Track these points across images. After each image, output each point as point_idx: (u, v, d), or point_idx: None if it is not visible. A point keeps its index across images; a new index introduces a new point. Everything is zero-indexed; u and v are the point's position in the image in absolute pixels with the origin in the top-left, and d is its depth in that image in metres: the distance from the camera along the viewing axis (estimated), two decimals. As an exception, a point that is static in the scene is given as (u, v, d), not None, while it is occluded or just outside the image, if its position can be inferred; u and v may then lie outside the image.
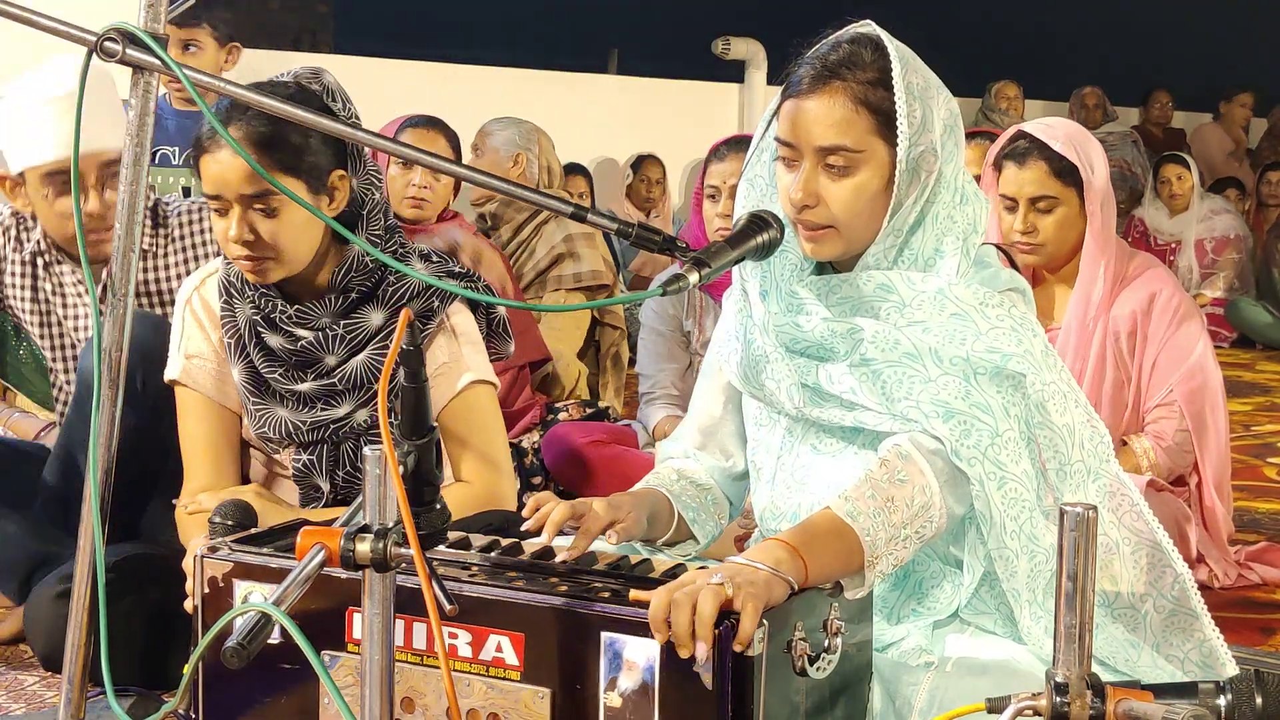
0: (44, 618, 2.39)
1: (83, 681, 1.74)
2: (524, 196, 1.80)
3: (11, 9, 1.67)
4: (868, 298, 1.94)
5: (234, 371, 2.41)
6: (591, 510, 1.91)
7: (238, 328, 2.39)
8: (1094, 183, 3.10)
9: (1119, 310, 3.15)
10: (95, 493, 1.71)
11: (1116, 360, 3.17)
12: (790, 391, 1.97)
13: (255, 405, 2.40)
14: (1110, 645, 1.93)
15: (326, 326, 2.35)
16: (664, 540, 2.06)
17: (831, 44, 1.94)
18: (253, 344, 2.38)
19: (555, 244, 4.60)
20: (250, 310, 2.37)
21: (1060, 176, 3.11)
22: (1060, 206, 3.11)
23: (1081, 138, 3.17)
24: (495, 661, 1.65)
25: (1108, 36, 20.67)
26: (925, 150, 1.90)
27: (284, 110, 1.82)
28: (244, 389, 2.41)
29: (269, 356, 2.38)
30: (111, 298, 1.75)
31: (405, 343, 1.51)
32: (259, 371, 2.39)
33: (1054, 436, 1.93)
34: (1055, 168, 3.11)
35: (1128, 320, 3.15)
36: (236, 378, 2.41)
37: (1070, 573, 1.32)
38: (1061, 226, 3.12)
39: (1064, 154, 3.10)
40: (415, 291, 2.39)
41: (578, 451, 3.72)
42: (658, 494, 2.08)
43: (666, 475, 2.14)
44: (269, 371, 2.38)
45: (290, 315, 2.35)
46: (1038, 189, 3.12)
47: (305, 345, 2.36)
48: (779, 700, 1.61)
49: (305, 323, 2.35)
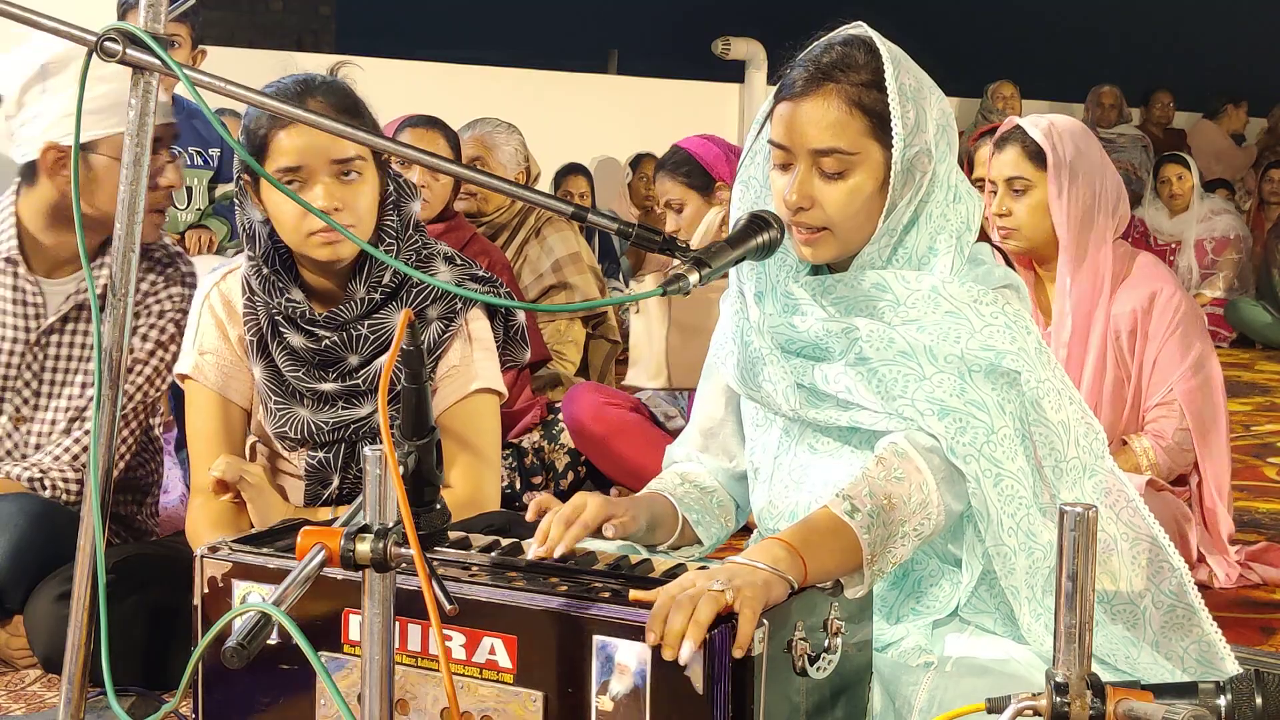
0: (44, 618, 2.39)
1: (83, 681, 1.74)
2: (524, 196, 1.80)
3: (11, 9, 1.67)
4: (863, 297, 1.94)
5: (255, 370, 2.41)
6: (587, 505, 1.88)
7: (260, 327, 2.38)
8: (1060, 165, 3.11)
9: (1119, 308, 3.15)
10: (95, 493, 1.71)
11: (1117, 358, 3.16)
12: (786, 392, 1.97)
13: (276, 405, 2.39)
14: (1110, 643, 1.93)
15: (350, 327, 2.36)
16: (669, 544, 2.05)
17: (824, 46, 1.94)
18: (275, 343, 2.38)
19: (543, 271, 4.58)
20: (273, 310, 2.36)
21: (1034, 159, 3.15)
22: (1034, 189, 3.15)
23: (1069, 130, 3.17)
24: (489, 664, 1.65)
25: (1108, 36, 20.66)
26: (920, 151, 1.90)
27: (284, 110, 1.82)
28: (265, 387, 2.40)
29: (291, 356, 2.37)
30: (111, 298, 1.75)
31: (406, 344, 1.51)
32: (280, 371, 2.38)
33: (1049, 433, 1.93)
34: (1029, 151, 3.16)
35: (1128, 318, 3.14)
36: (257, 376, 2.41)
37: (1070, 572, 1.32)
38: (1034, 211, 3.16)
39: (1036, 138, 3.12)
40: (439, 292, 2.39)
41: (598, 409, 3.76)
42: (659, 498, 2.08)
43: (669, 480, 2.13)
44: (291, 371, 2.37)
45: (314, 317, 2.35)
46: (1011, 170, 3.18)
47: (328, 345, 2.36)
48: (779, 700, 1.61)
49: (329, 324, 2.35)
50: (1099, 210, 3.14)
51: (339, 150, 2.27)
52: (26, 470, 2.62)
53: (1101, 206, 3.15)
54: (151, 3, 1.71)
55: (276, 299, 2.35)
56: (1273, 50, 17.25)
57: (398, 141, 2.29)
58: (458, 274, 2.45)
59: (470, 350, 2.42)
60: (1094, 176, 3.14)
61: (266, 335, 2.38)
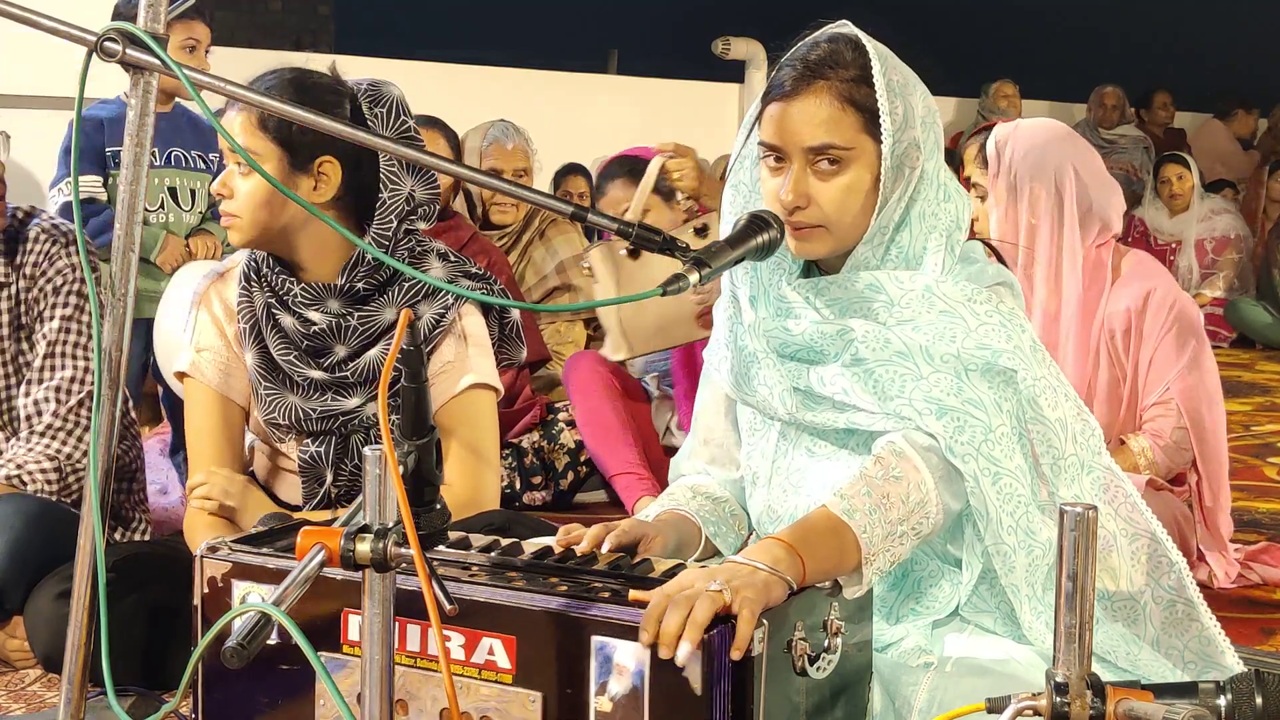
0: (44, 618, 2.40)
1: (83, 681, 1.74)
2: (524, 197, 1.80)
3: (11, 9, 1.67)
4: (857, 298, 1.94)
5: (247, 357, 2.43)
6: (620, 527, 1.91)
7: (254, 312, 2.42)
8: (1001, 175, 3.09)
9: (1113, 307, 3.13)
10: (95, 493, 1.71)
11: (1111, 357, 3.16)
12: (782, 396, 1.97)
13: (267, 390, 2.41)
14: (1110, 642, 1.93)
15: (338, 313, 2.36)
16: (695, 558, 2.04)
17: (810, 44, 1.94)
18: (267, 325, 2.40)
19: (547, 273, 4.59)
20: (266, 294, 2.40)
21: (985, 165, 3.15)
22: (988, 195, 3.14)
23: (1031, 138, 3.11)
24: (488, 664, 1.65)
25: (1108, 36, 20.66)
26: (909, 145, 1.91)
27: (284, 110, 1.82)
28: (256, 373, 2.42)
29: (283, 338, 2.40)
30: (111, 298, 1.75)
31: (406, 343, 1.51)
32: (272, 355, 2.41)
33: (1046, 431, 1.93)
34: (984, 156, 3.16)
35: (1122, 317, 3.13)
36: (249, 363, 2.43)
37: (1070, 572, 1.32)
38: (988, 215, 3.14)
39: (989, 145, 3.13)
40: (429, 289, 2.40)
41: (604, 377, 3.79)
42: (682, 518, 2.05)
43: (682, 494, 2.12)
44: (282, 355, 2.40)
45: (300, 297, 2.37)
46: (970, 171, 3.22)
47: (317, 331, 2.38)
48: (779, 700, 1.61)
49: (317, 304, 2.37)
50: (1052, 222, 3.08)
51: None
52: (3, 468, 2.62)
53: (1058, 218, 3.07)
54: (151, 3, 1.70)
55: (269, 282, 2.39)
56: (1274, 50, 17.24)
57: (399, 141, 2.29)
58: (451, 271, 2.46)
59: (464, 346, 2.43)
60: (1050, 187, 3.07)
61: (260, 319, 2.41)
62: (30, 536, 2.47)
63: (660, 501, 2.12)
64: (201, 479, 2.38)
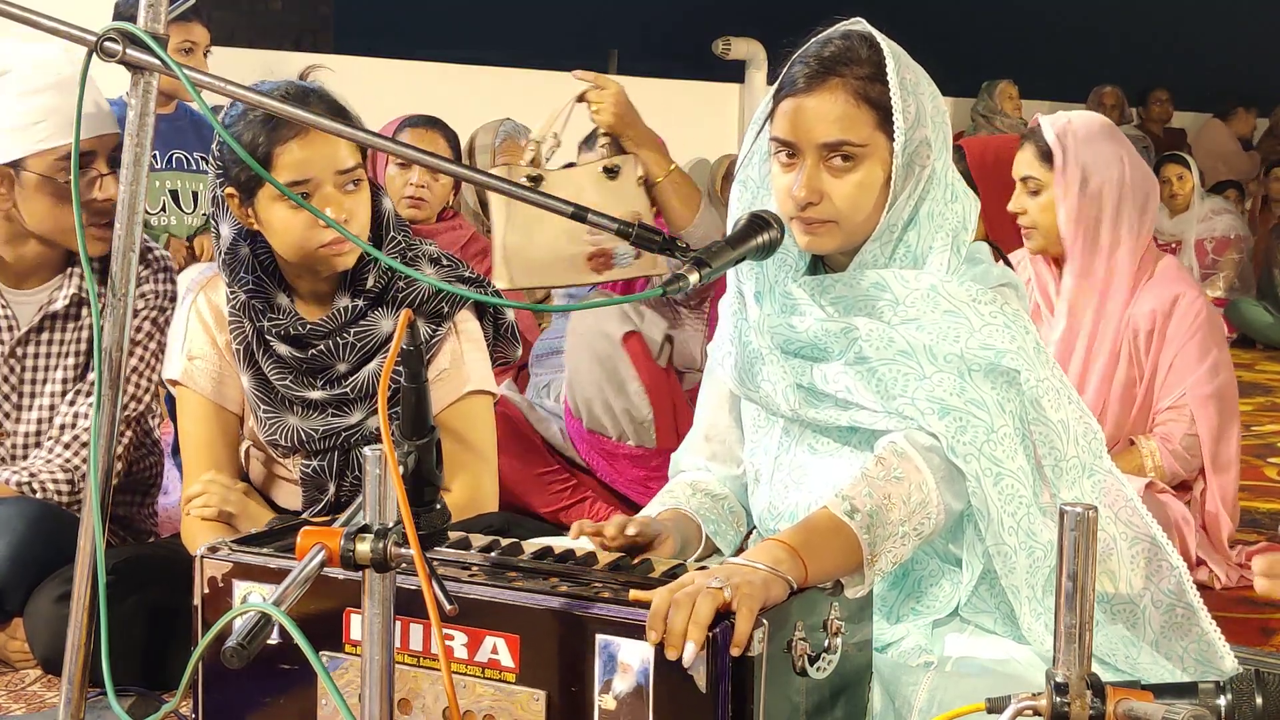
0: (44, 620, 2.39)
1: (83, 681, 1.74)
2: (524, 197, 1.79)
3: (11, 9, 1.67)
4: (862, 296, 1.94)
5: (243, 379, 2.41)
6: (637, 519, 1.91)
7: (246, 337, 2.38)
8: (1066, 167, 3.11)
9: (1140, 307, 3.14)
10: (95, 493, 1.71)
11: (1131, 357, 3.16)
12: (786, 393, 1.97)
13: (266, 412, 2.39)
14: (1110, 643, 1.93)
15: (336, 334, 2.35)
16: (695, 558, 2.04)
17: (823, 41, 1.94)
18: (262, 352, 2.38)
19: None
20: (259, 320, 2.36)
21: (1045, 159, 3.16)
22: (1046, 189, 3.15)
23: (1086, 130, 3.17)
24: (491, 663, 1.65)
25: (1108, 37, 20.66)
26: (920, 144, 1.91)
27: (284, 110, 1.82)
28: (254, 396, 2.40)
29: (279, 364, 2.37)
30: (111, 298, 1.75)
31: (406, 343, 1.51)
32: (269, 379, 2.38)
33: (1049, 432, 1.93)
34: (1041, 151, 3.16)
35: (1147, 318, 3.13)
36: (246, 384, 2.41)
37: (1070, 572, 1.32)
38: (1045, 210, 3.16)
39: (1049, 138, 3.14)
40: (425, 295, 2.39)
41: (512, 426, 3.55)
42: (683, 516, 2.06)
43: (681, 491, 2.12)
44: (279, 379, 2.37)
45: (300, 331, 2.35)
46: (1025, 169, 3.20)
47: (315, 354, 2.36)
48: (779, 700, 1.61)
49: (316, 333, 2.35)
50: (1113, 212, 3.13)
51: (342, 160, 2.27)
52: (16, 474, 2.62)
53: (1118, 209, 3.13)
54: (151, 3, 1.70)
55: (259, 321, 2.36)
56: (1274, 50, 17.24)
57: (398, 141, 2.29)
58: (444, 275, 2.45)
59: (461, 352, 2.42)
60: (1106, 178, 3.12)
61: (253, 345, 2.38)
62: (31, 538, 2.46)
63: (660, 499, 2.12)
64: (199, 489, 2.36)
